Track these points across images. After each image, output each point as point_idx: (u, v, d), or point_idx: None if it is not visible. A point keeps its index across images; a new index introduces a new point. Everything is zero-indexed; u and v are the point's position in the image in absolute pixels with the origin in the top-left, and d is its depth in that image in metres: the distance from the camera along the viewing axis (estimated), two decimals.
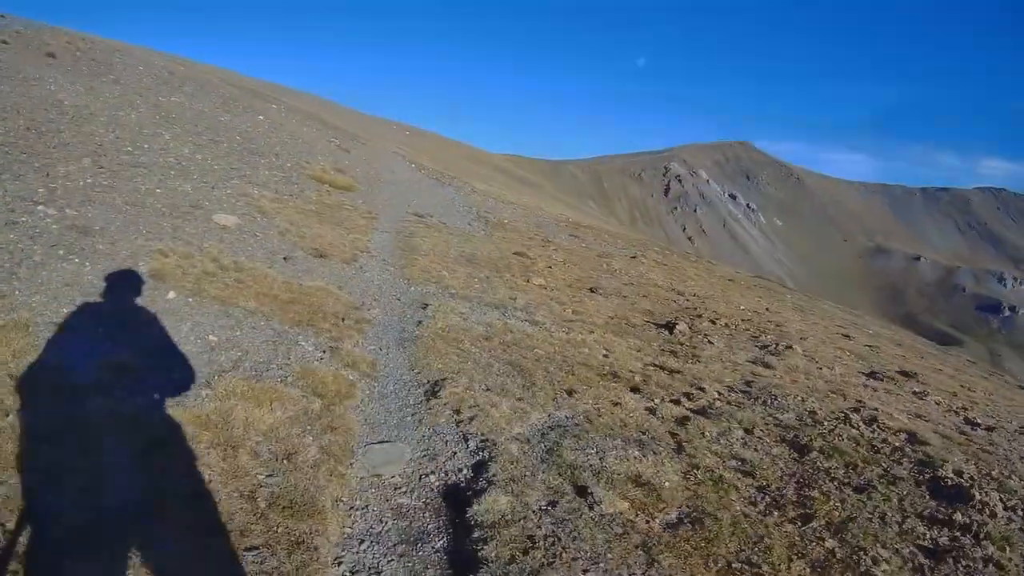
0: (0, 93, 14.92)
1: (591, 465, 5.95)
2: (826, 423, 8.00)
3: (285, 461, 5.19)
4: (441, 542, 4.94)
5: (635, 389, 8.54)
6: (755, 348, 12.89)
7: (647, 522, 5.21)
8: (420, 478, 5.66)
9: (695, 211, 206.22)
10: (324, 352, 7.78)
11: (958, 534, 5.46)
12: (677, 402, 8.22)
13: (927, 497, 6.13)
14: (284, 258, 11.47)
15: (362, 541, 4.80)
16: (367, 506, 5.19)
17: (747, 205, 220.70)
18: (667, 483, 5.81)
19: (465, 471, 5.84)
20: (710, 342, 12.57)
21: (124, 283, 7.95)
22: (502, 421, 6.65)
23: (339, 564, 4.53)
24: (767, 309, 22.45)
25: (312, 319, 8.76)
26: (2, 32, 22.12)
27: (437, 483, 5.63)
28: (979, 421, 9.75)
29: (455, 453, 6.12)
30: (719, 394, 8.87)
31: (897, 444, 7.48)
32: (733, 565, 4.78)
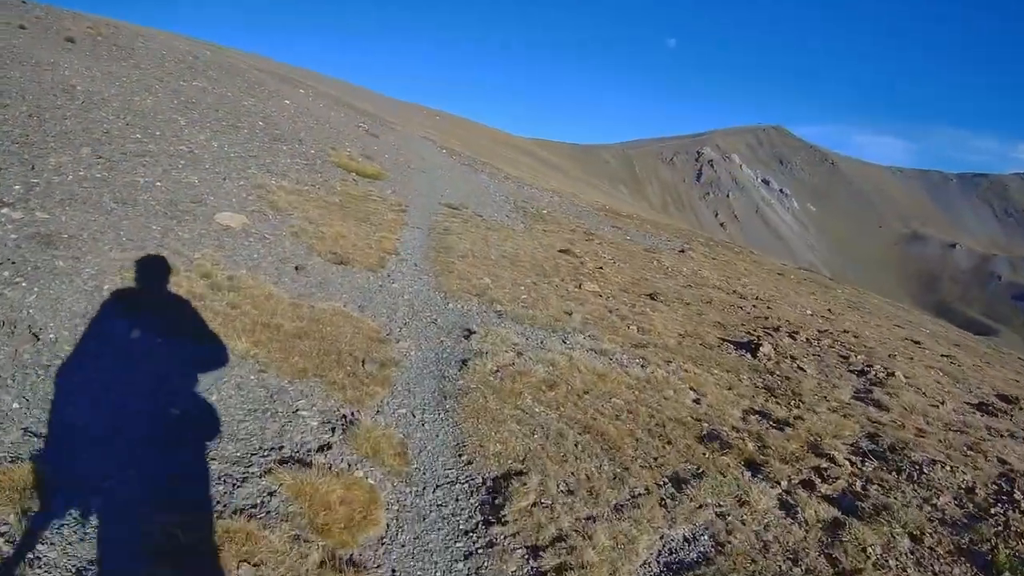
0: (9, 79, 13.39)
1: None
2: (991, 511, 5.89)
3: None
4: None
5: (752, 464, 6.35)
6: (852, 375, 10.76)
7: None
8: None
9: (727, 196, 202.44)
10: (334, 430, 5.48)
11: None
12: (810, 486, 6.04)
13: None
14: (295, 268, 9.43)
15: None
16: None
17: (780, 190, 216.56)
18: None
19: None
20: (801, 368, 10.47)
21: (73, 319, 5.95)
22: (604, 569, 4.32)
23: None
24: (829, 311, 20.49)
25: (322, 365, 6.54)
26: (22, 17, 20.79)
27: None
28: None
29: None
30: (851, 464, 6.70)
31: None
32: None
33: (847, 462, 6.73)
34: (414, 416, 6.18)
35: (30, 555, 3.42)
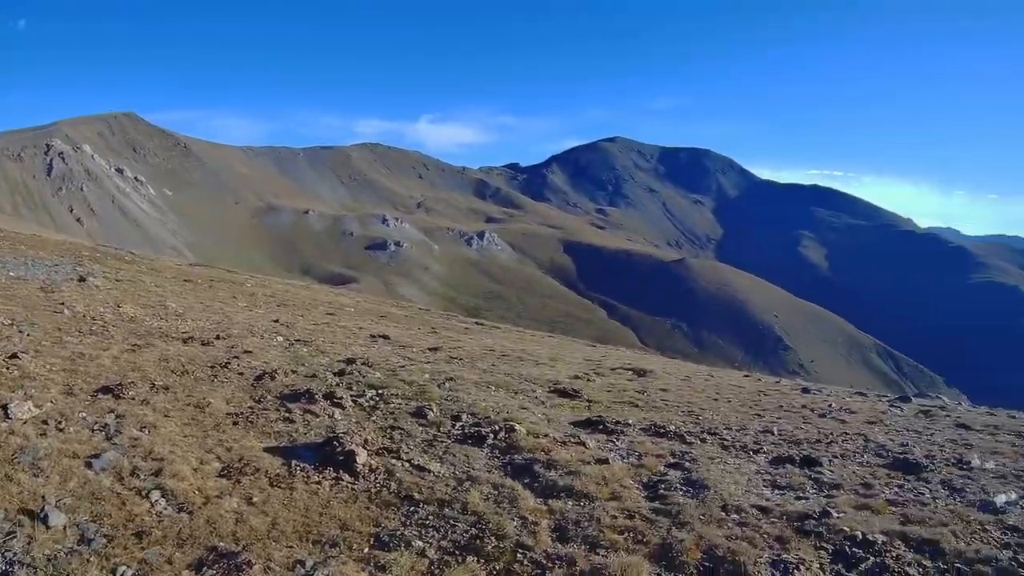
0: None
1: None
2: None
3: None
4: None
5: None
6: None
7: None
8: None
9: (82, 190, 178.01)
10: None
11: None
12: None
13: None
14: None
15: None
16: None
17: (135, 178, 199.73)
18: None
19: None
20: None
21: None
22: None
23: None
24: (325, 323, 15.60)
25: None
26: None
27: None
28: None
29: None
30: None
31: None
32: None
33: None
34: None
35: None
